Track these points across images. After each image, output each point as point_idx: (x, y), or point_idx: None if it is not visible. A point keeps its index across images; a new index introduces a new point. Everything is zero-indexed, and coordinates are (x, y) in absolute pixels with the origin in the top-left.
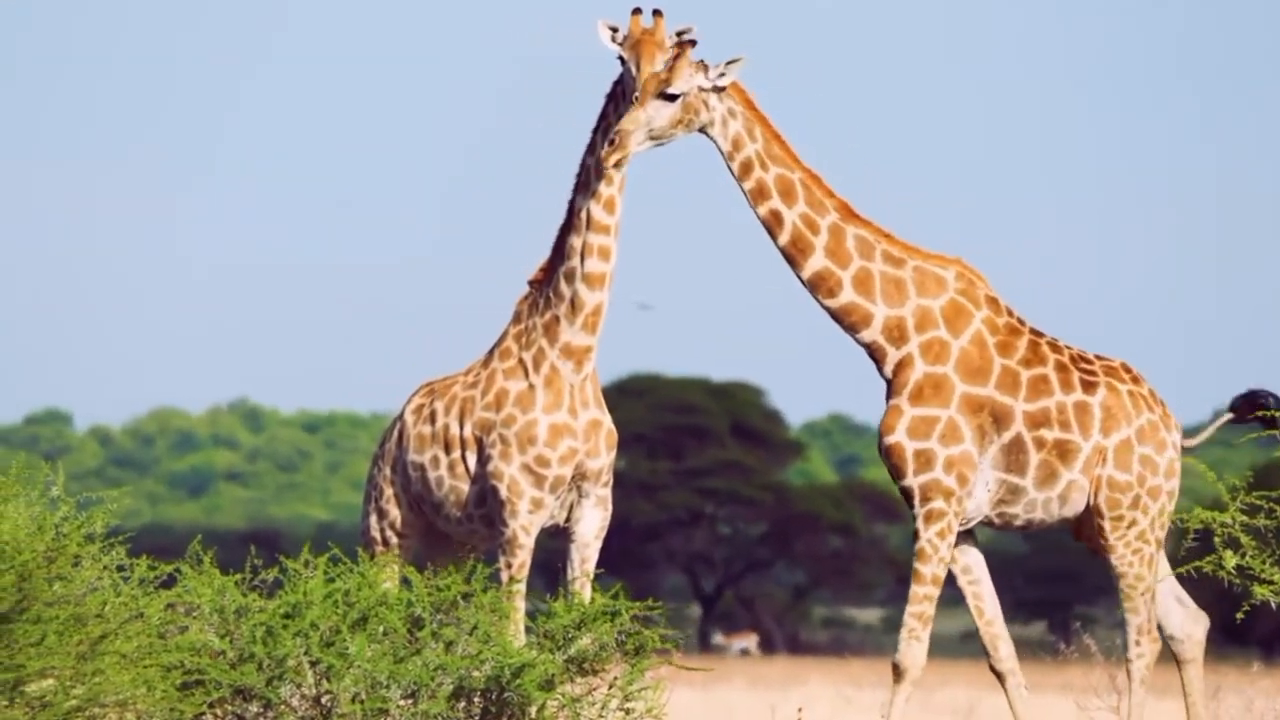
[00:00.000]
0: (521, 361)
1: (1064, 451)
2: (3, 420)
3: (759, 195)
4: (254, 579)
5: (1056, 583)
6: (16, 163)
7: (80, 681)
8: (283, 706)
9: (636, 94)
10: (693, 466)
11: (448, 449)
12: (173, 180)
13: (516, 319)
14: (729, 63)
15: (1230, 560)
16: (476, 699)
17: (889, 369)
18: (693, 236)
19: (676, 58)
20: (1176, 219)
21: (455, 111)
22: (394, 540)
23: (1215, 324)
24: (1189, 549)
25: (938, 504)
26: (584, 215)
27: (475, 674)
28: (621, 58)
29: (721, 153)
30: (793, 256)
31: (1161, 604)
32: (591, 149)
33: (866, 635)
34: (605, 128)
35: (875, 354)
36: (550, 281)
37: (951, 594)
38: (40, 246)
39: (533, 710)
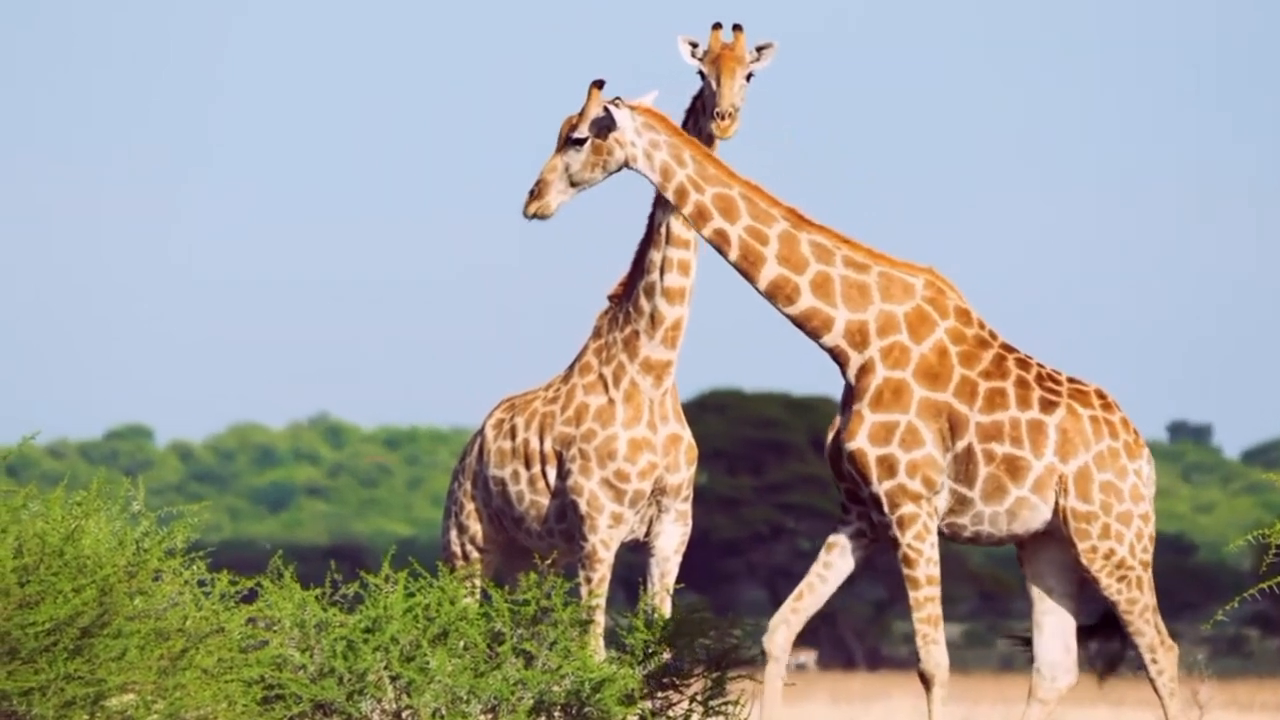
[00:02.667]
0: (601, 376)
1: (1013, 468)
2: (84, 435)
3: (700, 218)
4: (334, 594)
5: None
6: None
7: (161, 696)
8: None
9: (574, 133)
10: (773, 481)
11: (528, 464)
12: (257, 199)
13: (596, 334)
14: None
15: None
16: (557, 713)
17: (852, 373)
18: None
19: (586, 100)
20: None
21: (535, 126)
22: (474, 555)
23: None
24: (1271, 564)
25: (908, 509)
26: (664, 230)
27: (555, 689)
28: (701, 73)
29: (654, 185)
30: (746, 270)
31: (1047, 643)
32: None
33: (948, 650)
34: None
35: (839, 358)
36: (630, 296)
37: (1020, 607)
38: (125, 262)
39: None
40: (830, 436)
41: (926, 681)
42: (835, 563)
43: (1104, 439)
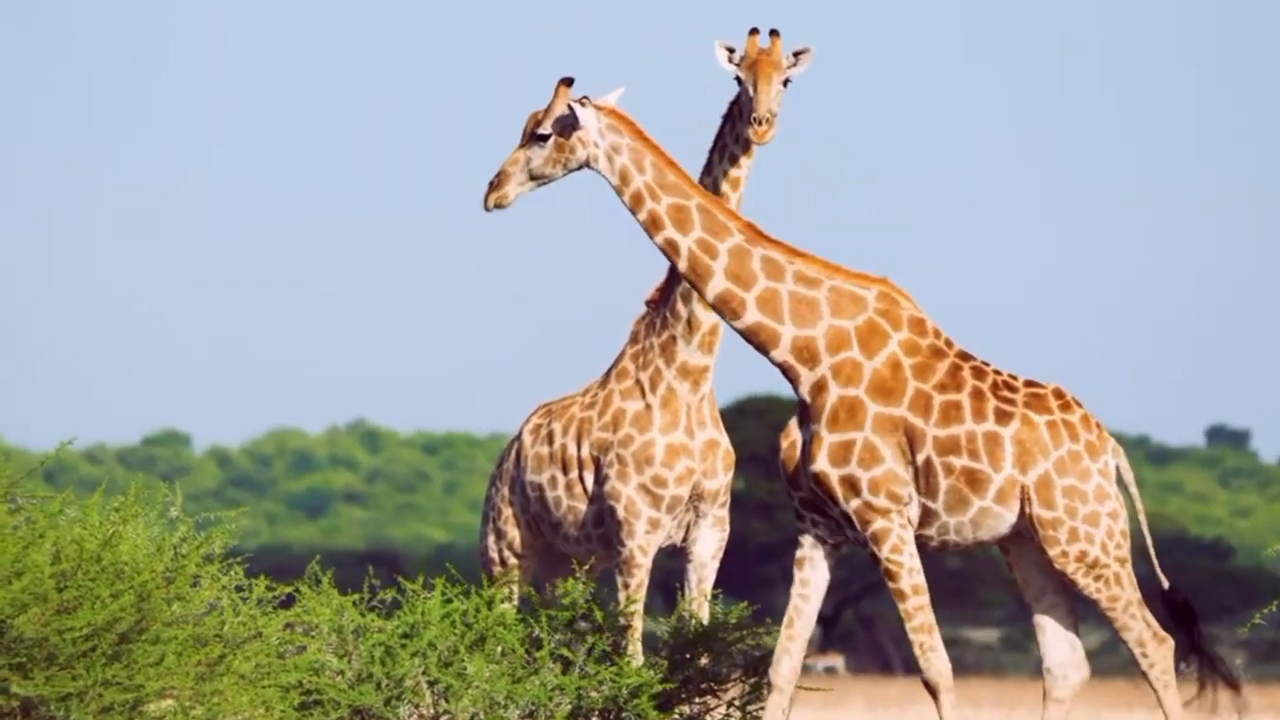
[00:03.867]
0: (639, 382)
1: (973, 480)
2: (122, 441)
3: (653, 225)
4: (372, 599)
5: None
6: (149, 185)
7: (199, 702)
8: None
9: (533, 131)
10: None
11: (565, 469)
12: (299, 205)
13: (633, 339)
14: (797, 53)
15: None
16: (594, 719)
17: (804, 390)
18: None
19: (554, 96)
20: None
21: None
22: (512, 560)
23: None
24: None
25: (879, 524)
26: None
27: (593, 694)
28: (739, 78)
29: (612, 187)
30: (694, 282)
31: (1052, 642)
32: (709, 169)
33: (984, 655)
34: (722, 148)
35: (788, 374)
36: (667, 301)
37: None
38: (164, 267)
39: None
40: (784, 445)
41: (932, 690)
42: (811, 579)
43: (1063, 444)
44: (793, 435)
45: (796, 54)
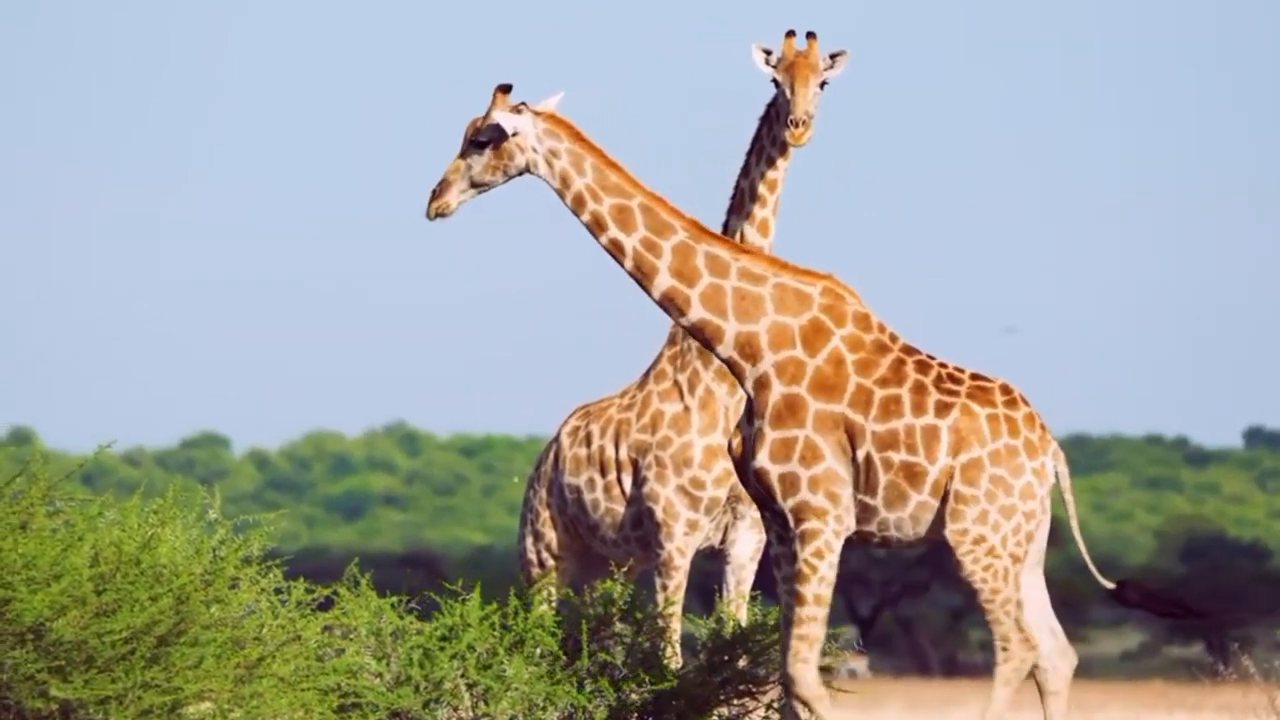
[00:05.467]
0: (677, 384)
1: (911, 474)
2: (160, 444)
3: (596, 227)
4: (411, 601)
5: (1216, 604)
6: (185, 188)
7: (238, 704)
8: None
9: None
10: None
11: (603, 471)
12: (331, 208)
13: (671, 341)
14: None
15: None
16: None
17: (749, 386)
18: (848, 255)
19: (490, 103)
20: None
21: (614, 135)
22: (550, 562)
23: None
24: None
25: (811, 524)
26: (738, 237)
27: (632, 696)
28: (775, 80)
29: (554, 191)
30: (640, 281)
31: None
32: (746, 172)
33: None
34: (759, 150)
35: (734, 370)
36: None
37: (1112, 615)
38: (202, 270)
39: None
40: (733, 443)
41: (800, 702)
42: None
43: (1002, 437)
44: (742, 432)
45: (833, 56)
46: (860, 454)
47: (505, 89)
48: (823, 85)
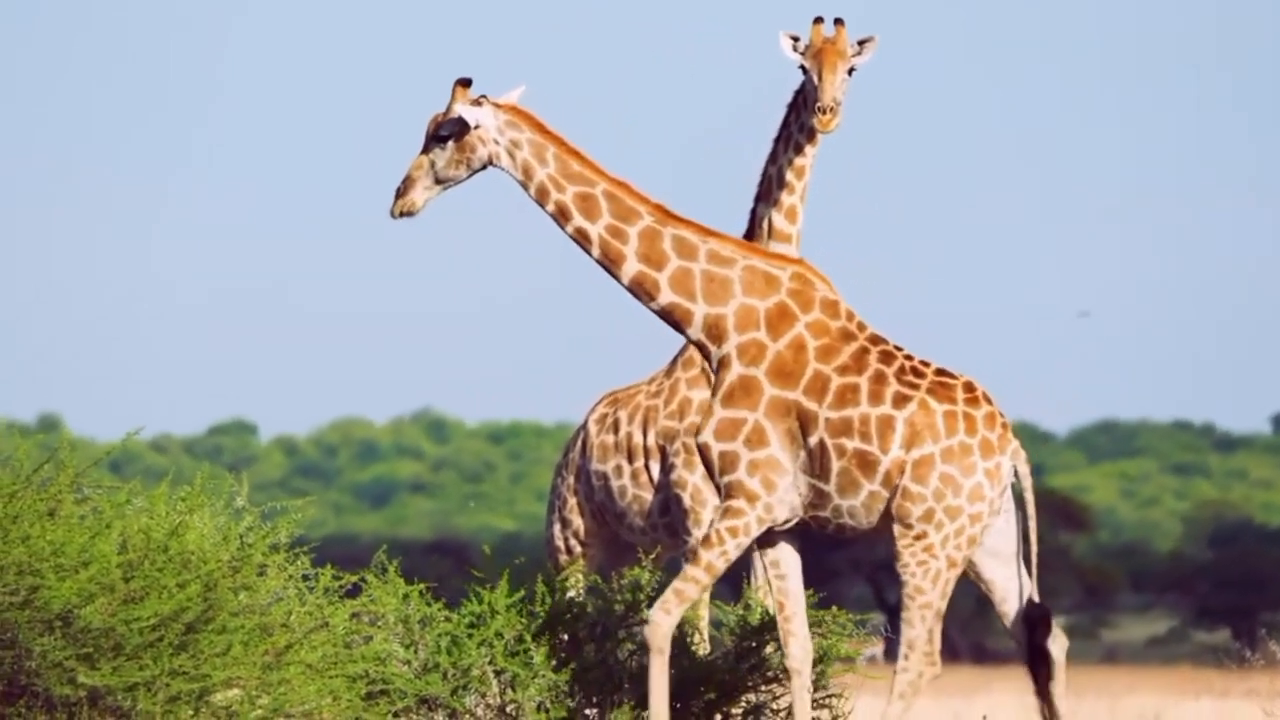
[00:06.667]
0: (705, 371)
1: (864, 463)
2: (188, 431)
3: (561, 216)
4: (438, 588)
5: (1242, 589)
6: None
7: (266, 691)
8: (467, 716)
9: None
10: None
11: (631, 458)
12: (359, 193)
13: None
14: (862, 42)
15: None
16: None
17: (713, 365)
18: (882, 242)
19: (451, 97)
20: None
21: (642, 121)
22: (578, 549)
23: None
24: None
25: (737, 503)
26: (766, 224)
27: None
28: (803, 67)
29: (518, 183)
30: (608, 268)
31: (1021, 623)
32: (774, 158)
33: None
34: (786, 137)
35: (702, 352)
36: None
37: (1139, 600)
38: (227, 257)
39: (718, 717)
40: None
41: (644, 647)
42: (779, 557)
43: (957, 434)
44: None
45: (861, 43)
46: (813, 440)
47: (465, 83)
48: (850, 72)
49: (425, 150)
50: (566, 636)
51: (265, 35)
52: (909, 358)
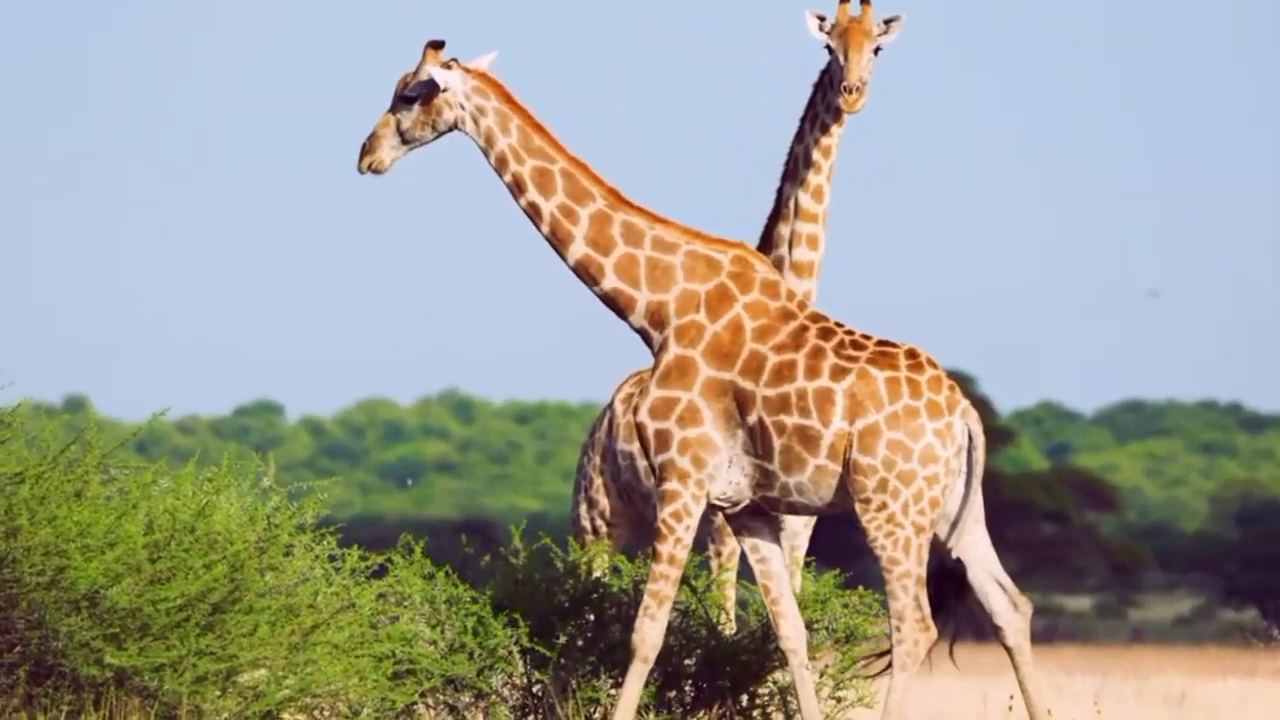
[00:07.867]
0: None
1: (805, 438)
2: (214, 412)
3: (517, 188)
4: (465, 568)
5: (1269, 569)
6: (233, 159)
7: (292, 671)
8: (494, 696)
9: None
10: None
11: None
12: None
13: None
14: (888, 21)
15: None
16: (687, 686)
17: (655, 349)
18: (908, 225)
19: (421, 59)
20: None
21: (665, 103)
22: (604, 529)
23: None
24: None
25: (672, 484)
26: (793, 204)
27: (686, 661)
28: (829, 46)
29: (479, 149)
30: (555, 247)
31: (980, 587)
32: (800, 138)
33: (1078, 622)
34: (813, 116)
35: (646, 340)
36: None
37: (1166, 580)
38: (253, 238)
39: (743, 697)
40: None
41: (631, 651)
42: (758, 541)
43: (900, 399)
44: None
45: (887, 21)
46: (752, 419)
47: (437, 45)
48: (876, 51)
49: (393, 109)
50: (593, 616)
51: (309, 14)
52: (850, 333)
